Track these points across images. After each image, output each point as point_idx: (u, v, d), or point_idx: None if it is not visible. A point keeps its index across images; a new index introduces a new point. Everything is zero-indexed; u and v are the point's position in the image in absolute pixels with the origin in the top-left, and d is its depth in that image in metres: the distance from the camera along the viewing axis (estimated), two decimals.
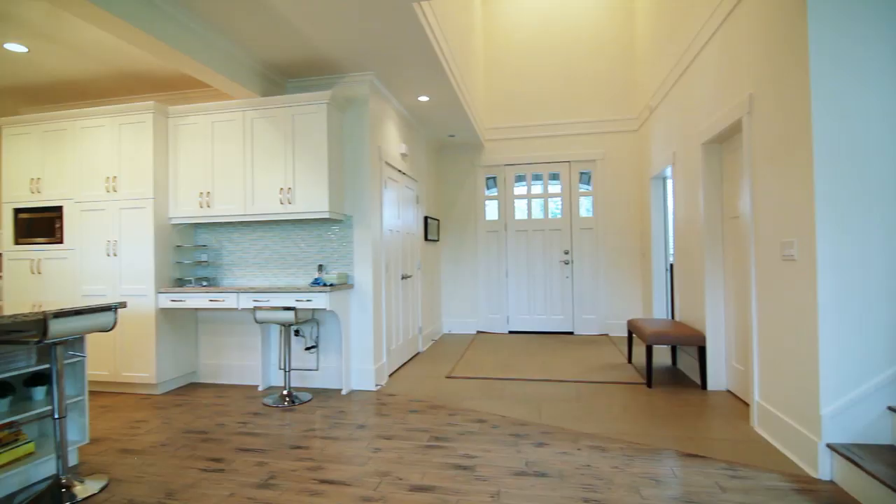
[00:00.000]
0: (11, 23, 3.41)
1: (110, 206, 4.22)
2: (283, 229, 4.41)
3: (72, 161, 4.32)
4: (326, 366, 4.29)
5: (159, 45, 3.07)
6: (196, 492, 2.39)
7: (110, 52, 3.95)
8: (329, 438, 3.07)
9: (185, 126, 4.28)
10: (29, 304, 2.79)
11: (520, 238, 6.89)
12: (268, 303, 3.90)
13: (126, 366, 4.15)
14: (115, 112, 4.21)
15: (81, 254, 4.28)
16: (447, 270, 7.11)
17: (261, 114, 4.10)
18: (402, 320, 5.09)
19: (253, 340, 4.43)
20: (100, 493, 2.41)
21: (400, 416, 3.46)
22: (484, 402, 3.75)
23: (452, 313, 7.08)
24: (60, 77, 4.43)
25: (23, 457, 2.56)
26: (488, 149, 6.97)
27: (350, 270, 4.26)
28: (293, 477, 2.53)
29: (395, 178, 4.95)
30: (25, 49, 3.83)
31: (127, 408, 3.79)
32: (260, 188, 4.09)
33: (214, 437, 3.14)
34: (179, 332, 4.34)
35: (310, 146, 3.99)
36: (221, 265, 4.53)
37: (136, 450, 2.95)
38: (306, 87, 4.41)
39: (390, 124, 4.84)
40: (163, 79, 4.54)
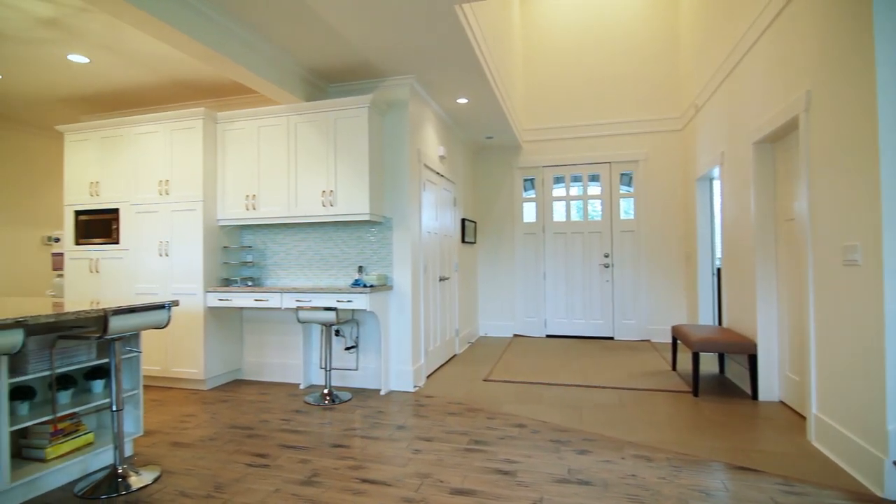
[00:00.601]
0: (75, 35, 3.61)
1: (162, 209, 4.40)
2: (324, 231, 4.50)
3: (127, 165, 4.54)
4: (366, 366, 4.34)
5: (211, 53, 3.19)
6: (242, 486, 2.46)
7: (164, 62, 4.13)
8: (369, 438, 3.10)
9: (232, 131, 4.43)
10: (88, 302, 2.94)
11: (558, 240, 6.79)
12: (310, 303, 3.98)
13: (176, 362, 4.32)
14: (167, 118, 4.40)
15: (135, 254, 4.49)
16: (484, 273, 7.08)
17: (304, 118, 4.20)
18: (439, 322, 5.10)
19: (295, 339, 4.54)
20: (153, 485, 2.51)
21: (438, 418, 3.46)
22: (523, 407, 3.71)
23: (489, 316, 7.04)
24: (118, 86, 4.67)
25: (83, 446, 2.69)
26: (526, 150, 6.91)
27: (389, 272, 4.30)
28: (335, 475, 2.57)
29: (433, 181, 4.97)
30: (87, 60, 4.05)
31: (177, 402, 3.94)
32: (303, 191, 4.18)
33: (259, 433, 3.23)
34: (226, 330, 4.49)
35: (351, 149, 4.06)
36: (265, 266, 4.66)
37: (186, 443, 3.06)
38: (348, 92, 4.48)
39: (429, 127, 4.86)
40: (212, 86, 4.72)
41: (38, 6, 3.19)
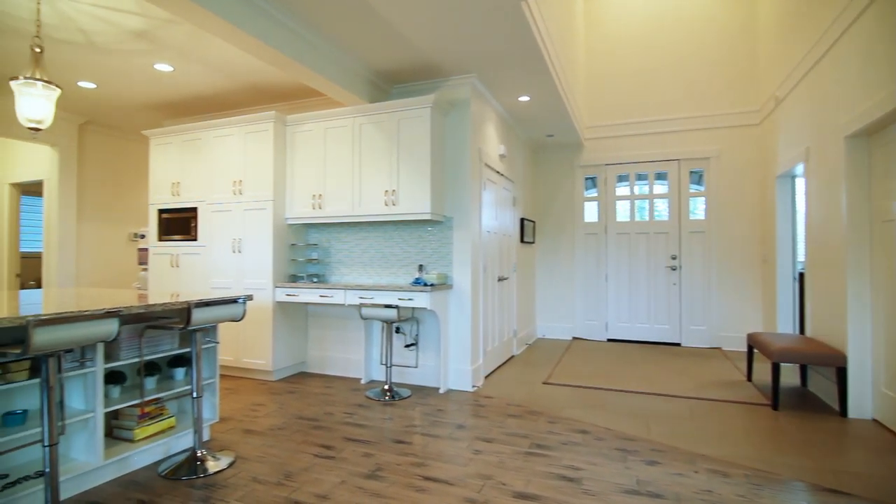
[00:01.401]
0: (161, 45, 3.87)
1: (236, 208, 4.64)
2: (385, 230, 4.58)
3: (205, 167, 4.83)
4: (425, 363, 4.37)
5: (284, 58, 3.32)
6: (310, 476, 2.54)
7: (239, 68, 4.34)
8: (430, 436, 3.12)
9: (301, 133, 4.60)
10: (170, 294, 3.14)
11: (621, 241, 6.56)
12: (372, 300, 4.06)
13: (247, 353, 4.54)
14: (241, 122, 4.63)
15: (211, 250, 4.76)
16: (542, 273, 6.96)
17: (369, 119, 4.29)
18: (497, 323, 5.06)
19: (356, 335, 4.65)
20: (228, 469, 2.65)
21: (498, 420, 3.43)
22: (585, 412, 3.60)
23: (547, 318, 6.92)
24: (197, 92, 4.97)
25: (166, 429, 2.88)
26: (588, 148, 6.71)
27: (449, 271, 4.31)
28: (398, 471, 2.60)
29: (493, 180, 4.93)
30: (171, 68, 4.33)
31: (247, 391, 4.15)
32: (367, 190, 4.28)
33: (324, 424, 3.33)
34: (292, 324, 4.67)
35: (413, 149, 4.10)
36: (330, 263, 4.81)
37: (257, 431, 3.21)
38: (410, 92, 4.54)
39: (490, 126, 4.83)
40: (281, 90, 4.92)
41: (130, 20, 3.45)
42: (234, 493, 2.36)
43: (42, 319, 1.83)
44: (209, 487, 2.43)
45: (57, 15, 3.36)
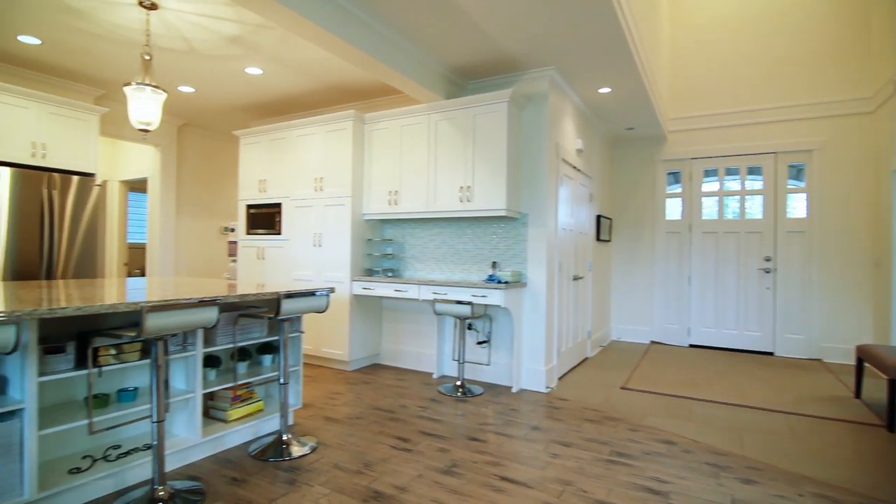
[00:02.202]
0: (252, 50, 4.09)
1: (317, 203, 4.84)
2: (459, 226, 4.58)
3: (289, 164, 5.06)
4: (497, 361, 4.33)
5: (365, 57, 3.39)
6: (388, 467, 2.59)
7: (321, 69, 4.51)
8: (504, 435, 3.08)
9: (377, 131, 4.70)
10: (255, 285, 3.32)
11: (707, 240, 6.14)
12: (445, 296, 4.07)
13: (325, 343, 4.73)
14: (322, 121, 4.81)
15: (294, 243, 5.00)
16: (618, 273, 6.67)
17: (444, 116, 4.29)
18: (571, 323, 4.91)
19: (428, 330, 4.69)
20: (311, 455, 2.75)
21: (574, 423, 3.32)
22: (669, 421, 3.40)
23: (622, 319, 6.63)
24: (283, 93, 5.22)
25: (254, 412, 3.05)
26: (671, 141, 6.34)
27: (523, 269, 4.23)
28: (474, 468, 2.59)
29: (570, 175, 4.78)
30: (261, 71, 4.58)
31: (326, 380, 4.31)
32: (441, 187, 4.29)
33: (399, 417, 3.38)
34: (367, 316, 4.80)
35: (489, 145, 4.06)
36: (404, 258, 4.88)
37: (337, 419, 3.32)
38: (486, 87, 4.49)
39: (567, 120, 4.68)
40: (360, 89, 5.05)
41: (226, 26, 3.67)
42: (317, 478, 2.45)
43: (153, 306, 1.99)
44: (294, 470, 2.54)
45: (163, 25, 3.65)
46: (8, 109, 4.24)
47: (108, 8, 3.42)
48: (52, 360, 2.10)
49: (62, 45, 4.07)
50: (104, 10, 3.46)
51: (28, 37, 3.94)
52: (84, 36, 3.89)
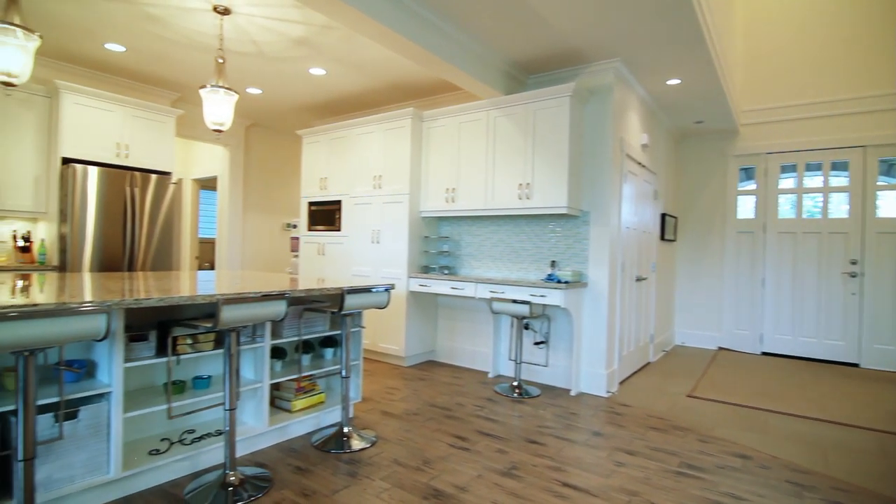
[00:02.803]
0: (317, 51, 4.20)
1: (375, 201, 4.91)
2: (517, 224, 4.50)
3: (349, 163, 5.17)
4: (555, 363, 4.23)
5: (426, 54, 3.39)
6: (448, 465, 2.58)
7: (381, 68, 4.56)
8: (564, 439, 2.99)
9: (435, 128, 4.70)
10: (315, 279, 3.39)
11: (783, 241, 5.72)
12: (503, 294, 4.02)
13: (382, 338, 4.80)
14: (381, 120, 4.87)
15: (353, 240, 5.10)
16: (683, 274, 6.35)
17: (503, 112, 4.23)
18: (634, 326, 4.72)
19: (484, 328, 4.65)
20: (370, 448, 2.79)
21: (639, 431, 3.18)
22: (742, 434, 3.19)
23: (687, 323, 6.31)
24: (344, 92, 5.33)
25: (316, 404, 3.13)
26: (744, 135, 5.95)
27: (584, 268, 4.10)
28: (534, 472, 2.53)
29: (634, 172, 4.59)
30: (324, 72, 4.69)
31: (382, 374, 4.37)
32: (499, 184, 4.23)
33: (456, 415, 3.37)
34: (423, 313, 4.82)
35: (550, 141, 3.96)
36: (460, 255, 4.87)
37: (394, 414, 3.35)
38: (547, 82, 4.38)
39: (632, 114, 4.49)
40: (418, 87, 5.07)
41: (293, 28, 3.78)
42: (378, 472, 2.47)
43: (228, 298, 2.07)
44: (355, 463, 2.58)
45: (235, 29, 3.80)
46: (97, 113, 4.58)
47: (185, 15, 3.60)
48: (135, 347, 2.23)
49: (143, 51, 4.34)
50: (181, 17, 3.65)
51: (114, 44, 4.22)
52: (163, 42, 4.13)
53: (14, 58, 2.44)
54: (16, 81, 2.51)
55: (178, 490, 2.25)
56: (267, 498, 2.20)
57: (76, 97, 4.44)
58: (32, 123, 4.41)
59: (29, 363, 1.65)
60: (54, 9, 3.58)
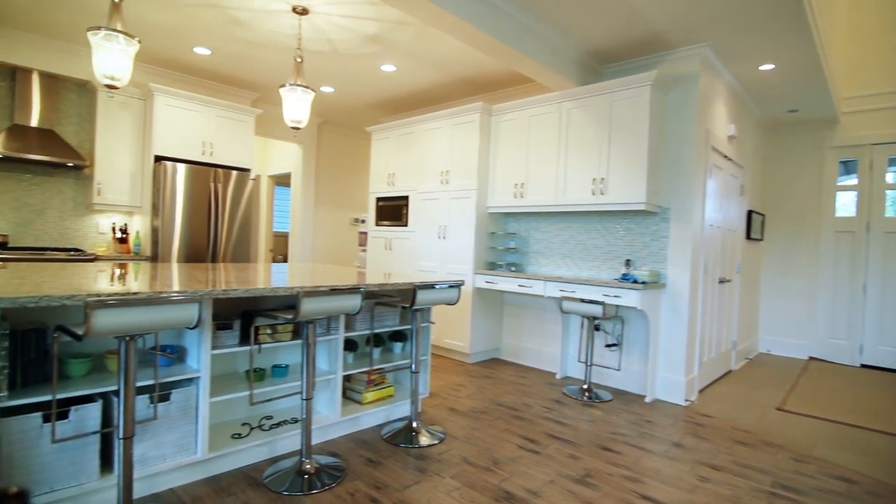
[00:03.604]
0: (389, 47, 4.23)
1: (442, 196, 4.90)
2: (588, 221, 4.33)
3: (416, 158, 5.19)
4: (628, 367, 4.03)
5: (499, 45, 3.31)
6: (518, 468, 2.51)
7: (451, 62, 4.53)
8: (641, 448, 2.83)
9: (504, 122, 4.61)
10: (382, 274, 3.42)
11: (890, 242, 5.13)
12: (573, 294, 3.88)
13: (447, 334, 4.79)
14: (449, 115, 4.84)
15: (419, 235, 5.12)
16: (770, 277, 5.87)
17: (576, 104, 4.07)
18: (715, 331, 4.41)
19: (552, 328, 4.52)
20: (438, 445, 2.77)
21: (724, 445, 2.95)
22: (844, 455, 2.88)
23: (773, 330, 5.83)
24: (413, 88, 5.36)
25: (385, 397, 3.16)
26: (845, 124, 5.38)
27: (662, 268, 3.87)
28: (610, 481, 2.40)
29: (719, 165, 4.27)
30: (395, 68, 4.73)
31: (447, 370, 4.36)
32: (571, 179, 4.08)
33: (524, 416, 3.29)
34: (488, 310, 4.76)
35: (627, 133, 3.76)
36: (527, 252, 4.76)
37: (461, 411, 3.32)
38: (624, 71, 4.17)
39: (719, 103, 4.18)
40: (487, 80, 5.00)
41: (366, 25, 3.82)
42: (448, 470, 2.45)
43: (308, 291, 2.11)
44: (425, 459, 2.57)
45: (312, 28, 3.91)
46: (185, 114, 4.88)
47: (267, 17, 3.74)
48: (221, 335, 2.34)
49: (227, 53, 4.57)
50: (263, 19, 3.79)
51: (201, 48, 4.47)
52: (245, 44, 4.32)
53: (117, 62, 2.63)
54: (118, 84, 2.69)
55: (258, 474, 2.34)
56: (340, 488, 2.24)
57: (167, 99, 4.75)
58: (129, 124, 4.78)
59: (130, 347, 1.76)
60: (148, 15, 3.83)
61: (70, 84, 4.72)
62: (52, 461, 1.85)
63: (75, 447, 1.89)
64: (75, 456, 1.90)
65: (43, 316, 2.07)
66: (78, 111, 4.77)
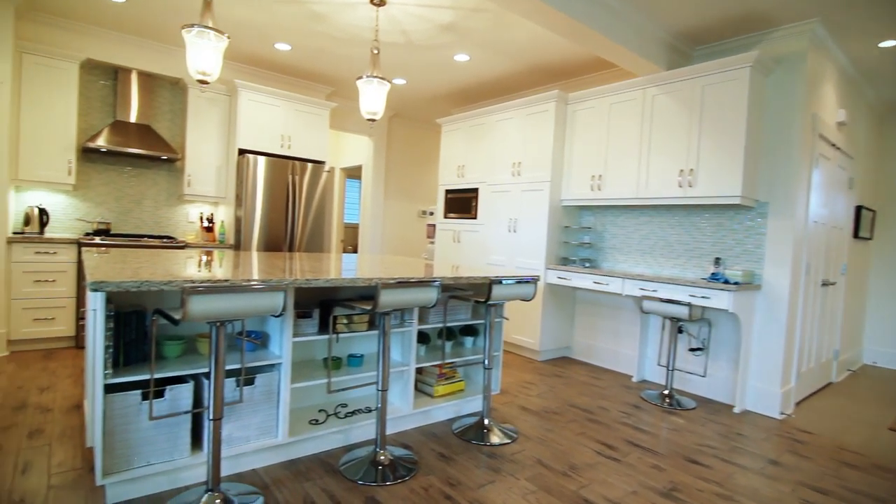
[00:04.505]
0: (463, 36, 4.15)
1: (513, 189, 4.77)
2: (673, 215, 4.05)
3: (487, 150, 5.09)
4: (714, 374, 3.74)
5: (580, 27, 3.14)
6: (597, 475, 2.38)
7: (526, 50, 4.38)
8: (732, 463, 2.60)
9: (582, 111, 4.41)
10: (450, 267, 3.36)
11: None
12: (655, 293, 3.64)
13: (516, 330, 4.68)
14: (523, 104, 4.70)
15: (488, 228, 5.03)
16: (880, 280, 5.24)
17: (663, 89, 3.80)
18: (815, 338, 4.00)
19: (628, 328, 4.29)
20: (511, 444, 2.69)
21: (829, 466, 2.65)
22: None
23: (882, 340, 5.21)
24: (485, 78, 5.25)
25: (456, 391, 3.12)
26: None
27: (757, 268, 3.55)
28: (700, 497, 2.22)
29: (826, 155, 3.84)
30: (468, 58, 4.65)
31: (516, 367, 4.26)
32: (655, 171, 3.83)
33: (599, 419, 3.13)
34: (560, 307, 4.60)
35: (721, 120, 3.45)
36: (602, 248, 4.54)
37: (533, 410, 3.22)
38: (718, 53, 3.84)
39: (827, 85, 3.75)
40: (562, 68, 4.79)
41: (442, 14, 3.76)
42: (522, 472, 2.36)
43: (387, 283, 2.09)
44: (497, 458, 2.50)
45: (388, 20, 3.91)
46: (266, 109, 5.08)
47: (345, 10, 3.78)
48: (302, 323, 2.38)
49: (306, 48, 4.69)
50: (342, 12, 3.83)
51: (282, 44, 4.62)
52: (323, 38, 4.40)
53: (208, 58, 2.73)
54: (209, 79, 2.80)
55: (333, 461, 2.37)
56: (414, 482, 2.22)
57: (250, 94, 4.96)
58: (216, 119, 5.04)
59: (220, 332, 1.81)
60: (233, 13, 3.99)
61: (164, 82, 5.04)
62: (150, 437, 1.95)
63: (169, 425, 1.99)
64: (169, 433, 2.00)
65: (141, 299, 2.20)
66: (171, 107, 5.09)
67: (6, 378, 3.31)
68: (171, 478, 2.04)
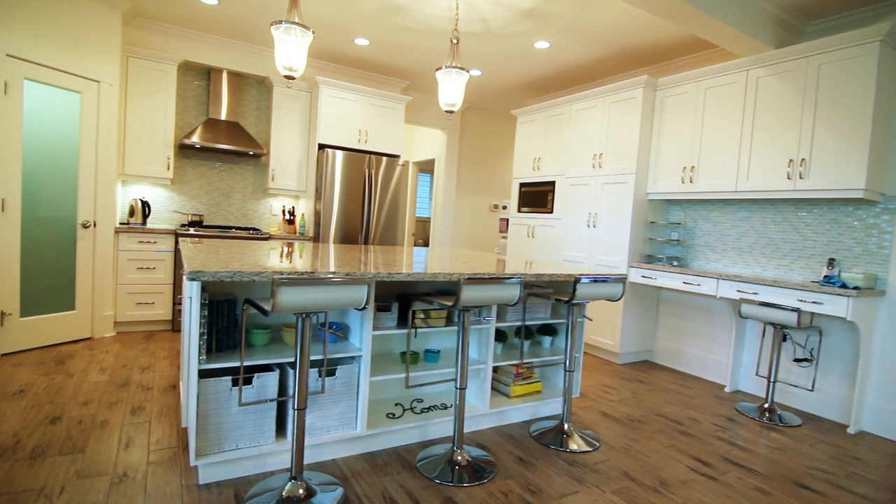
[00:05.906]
0: (544, 22, 3.98)
1: (594, 181, 4.54)
2: (778, 210, 3.66)
3: (565, 141, 4.88)
4: (824, 388, 3.35)
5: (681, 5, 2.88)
6: (691, 494, 2.18)
7: (610, 33, 4.12)
8: (851, 492, 2.29)
9: (672, 97, 4.09)
10: (523, 263, 3.22)
11: None
12: (755, 296, 3.31)
13: (594, 330, 4.46)
14: (606, 92, 4.44)
15: (565, 223, 4.83)
16: None
17: (769, 70, 3.42)
18: None
19: (720, 333, 3.95)
20: (593, 452, 2.54)
21: None
22: None
23: None
24: (566, 65, 5.03)
25: (533, 392, 3.00)
26: None
27: (881, 271, 3.11)
28: None
29: None
30: (548, 45, 4.46)
31: (595, 370, 4.06)
32: (758, 161, 3.47)
33: (691, 432, 2.89)
34: (642, 307, 4.33)
35: (841, 104, 3.05)
36: (693, 245, 4.21)
37: (615, 417, 3.04)
38: (836, 28, 3.40)
39: None
40: (649, 52, 4.47)
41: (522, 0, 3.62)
42: (607, 484, 2.21)
43: (470, 278, 2.02)
44: (579, 466, 2.36)
45: (467, 8, 3.82)
46: (344, 104, 5.18)
47: (425, 0, 3.74)
48: (381, 317, 2.37)
49: (384, 42, 4.71)
50: (422, 3, 3.79)
51: (361, 39, 4.67)
52: (402, 31, 4.40)
53: (294, 53, 2.78)
54: (294, 74, 2.85)
55: (410, 456, 2.35)
56: (493, 485, 2.14)
57: (330, 90, 5.07)
58: (298, 115, 5.21)
59: (306, 323, 1.82)
60: (315, 10, 4.07)
61: (251, 80, 5.28)
62: (239, 422, 2.02)
63: (257, 411, 2.04)
64: (256, 419, 2.05)
65: (231, 288, 2.27)
66: (257, 105, 5.32)
67: (113, 357, 3.61)
68: (257, 462, 2.10)
